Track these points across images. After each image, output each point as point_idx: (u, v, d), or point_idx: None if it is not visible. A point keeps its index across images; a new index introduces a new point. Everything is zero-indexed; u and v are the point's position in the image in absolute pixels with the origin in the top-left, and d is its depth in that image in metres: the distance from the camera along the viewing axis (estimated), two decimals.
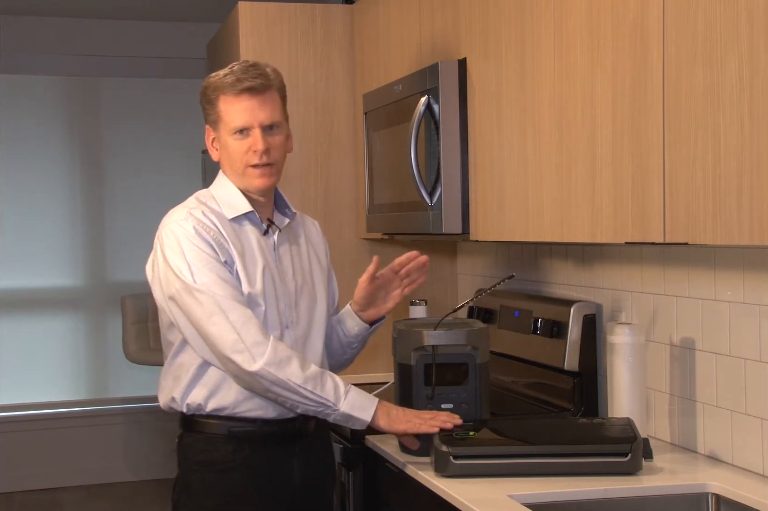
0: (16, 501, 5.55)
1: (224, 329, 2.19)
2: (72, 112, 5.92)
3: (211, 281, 2.21)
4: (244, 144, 2.29)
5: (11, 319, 5.84)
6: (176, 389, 2.32)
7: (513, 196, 2.46)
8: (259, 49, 3.62)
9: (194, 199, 2.37)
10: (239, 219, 2.33)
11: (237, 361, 2.19)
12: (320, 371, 2.24)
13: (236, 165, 2.31)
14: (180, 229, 2.26)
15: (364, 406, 2.24)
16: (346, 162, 3.70)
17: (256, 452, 2.31)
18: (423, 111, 2.70)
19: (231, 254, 2.27)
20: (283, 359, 2.19)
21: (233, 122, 2.28)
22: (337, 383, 2.24)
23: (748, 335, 2.19)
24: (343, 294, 3.87)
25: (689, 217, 1.81)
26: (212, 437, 2.31)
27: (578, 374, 2.74)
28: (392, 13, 3.25)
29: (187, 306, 2.23)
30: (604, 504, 2.09)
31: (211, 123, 2.34)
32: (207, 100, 2.34)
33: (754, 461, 2.18)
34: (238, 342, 2.18)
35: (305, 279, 2.42)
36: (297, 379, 2.19)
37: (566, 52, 2.19)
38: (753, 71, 1.64)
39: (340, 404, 2.22)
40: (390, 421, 2.26)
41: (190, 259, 2.23)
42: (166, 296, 2.27)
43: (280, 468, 2.33)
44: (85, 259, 5.97)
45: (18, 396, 5.83)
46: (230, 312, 2.20)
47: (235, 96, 2.28)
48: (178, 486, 2.38)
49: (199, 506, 2.33)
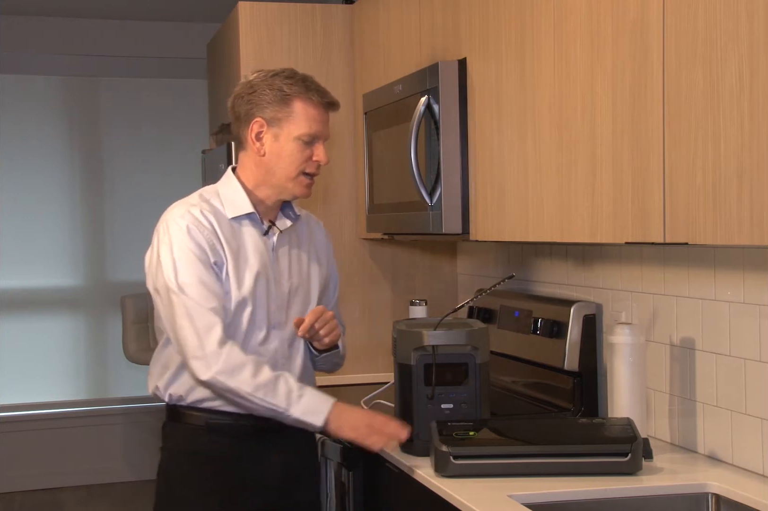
0: (16, 501, 5.55)
1: (189, 334, 2.24)
2: (72, 112, 5.92)
3: (190, 282, 2.25)
4: (307, 152, 2.32)
5: (11, 319, 5.84)
6: (161, 379, 2.38)
7: (513, 196, 2.46)
8: (259, 49, 3.62)
9: (197, 195, 2.39)
10: (240, 219, 2.35)
11: (193, 367, 2.24)
12: (274, 377, 2.24)
13: (290, 169, 2.32)
14: (175, 226, 2.29)
15: (316, 410, 2.25)
16: (346, 162, 3.70)
17: (234, 444, 2.35)
18: (423, 111, 2.70)
19: (223, 255, 2.30)
20: (236, 366, 2.22)
21: (306, 129, 2.31)
22: (291, 389, 2.24)
23: (748, 335, 2.19)
24: (342, 293, 3.89)
25: (689, 217, 1.81)
26: (192, 428, 2.37)
27: (578, 374, 2.74)
28: (392, 13, 3.25)
29: (164, 304, 2.29)
30: (604, 504, 2.09)
31: (271, 120, 2.31)
32: (281, 94, 2.30)
33: (754, 461, 2.18)
34: (199, 348, 2.23)
35: (301, 282, 2.44)
36: (247, 387, 2.22)
37: (566, 52, 2.19)
38: (753, 71, 1.64)
39: (291, 410, 2.24)
40: (340, 427, 2.27)
41: (177, 257, 2.27)
42: (152, 289, 2.33)
43: (258, 461, 2.37)
44: (85, 259, 5.97)
45: (18, 396, 5.83)
46: (197, 318, 2.23)
47: (318, 105, 2.32)
48: (160, 474, 2.45)
49: (177, 494, 2.39)
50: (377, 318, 3.70)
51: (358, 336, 3.69)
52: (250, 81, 2.35)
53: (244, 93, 2.34)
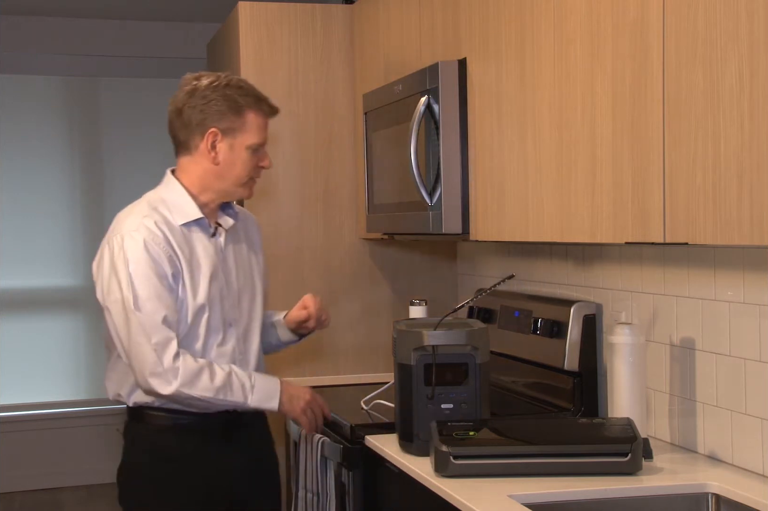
0: (16, 501, 5.55)
1: (146, 351, 2.30)
2: (72, 112, 5.91)
3: (145, 297, 2.31)
4: (255, 158, 2.43)
5: (11, 319, 5.84)
6: (123, 388, 2.45)
7: (513, 196, 2.46)
8: (259, 49, 3.62)
9: (146, 204, 2.45)
10: (188, 225, 2.43)
11: (153, 384, 2.32)
12: (226, 375, 2.36)
13: (241, 175, 2.43)
14: (131, 240, 2.35)
15: (269, 396, 2.42)
16: (346, 162, 3.70)
17: (198, 442, 2.45)
18: (423, 111, 2.70)
19: (178, 265, 2.37)
20: (193, 376, 2.32)
21: (258, 138, 2.42)
22: (243, 382, 2.39)
23: (748, 335, 2.19)
24: (342, 293, 3.88)
25: (689, 217, 1.81)
26: (159, 428, 2.44)
27: (578, 374, 2.74)
28: (392, 13, 3.25)
29: (118, 320, 2.34)
30: (604, 504, 2.09)
31: (226, 129, 2.39)
32: (235, 105, 2.38)
33: (754, 461, 2.18)
34: (157, 364, 2.30)
35: (246, 277, 2.55)
36: (208, 393, 2.34)
37: (566, 52, 2.19)
38: (753, 71, 1.64)
39: (249, 402, 2.39)
40: (291, 407, 2.47)
41: (134, 272, 2.32)
42: (105, 299, 2.37)
43: (221, 457, 2.46)
44: (85, 259, 5.95)
45: (18, 396, 5.83)
46: (153, 335, 2.30)
47: (266, 114, 2.44)
48: (123, 472, 2.52)
49: (145, 491, 2.47)
50: (377, 318, 3.70)
51: (358, 336, 3.69)
52: (202, 91, 2.39)
53: (196, 103, 2.38)
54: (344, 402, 3.05)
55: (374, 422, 2.78)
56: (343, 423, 2.75)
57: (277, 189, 3.64)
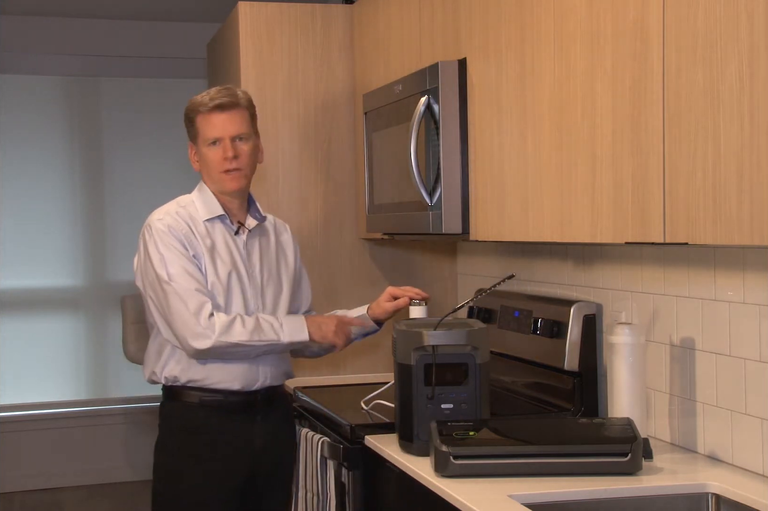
0: (16, 501, 5.54)
1: (185, 314, 2.57)
2: (72, 112, 5.91)
3: (177, 273, 2.60)
4: (218, 153, 2.66)
5: (11, 319, 5.84)
6: (157, 364, 2.70)
7: (513, 196, 2.46)
8: (259, 49, 3.62)
9: (174, 203, 2.75)
10: (212, 220, 2.70)
11: (194, 343, 2.56)
12: (255, 320, 2.62)
13: (212, 172, 2.69)
14: (158, 225, 2.65)
15: (298, 329, 2.66)
16: (346, 162, 3.70)
17: (223, 418, 2.68)
18: (423, 111, 2.70)
19: (199, 249, 2.65)
20: (228, 325, 2.57)
21: (207, 134, 2.66)
22: (272, 323, 2.64)
23: (748, 335, 2.19)
24: (342, 293, 3.87)
25: (689, 217, 1.81)
26: (187, 405, 2.69)
27: (578, 374, 2.74)
28: (392, 13, 3.25)
29: (157, 296, 2.63)
30: (604, 504, 2.09)
31: (192, 139, 2.72)
32: (188, 119, 2.71)
33: (754, 461, 2.19)
34: (196, 325, 2.56)
35: (271, 274, 2.78)
36: (243, 336, 2.59)
37: (566, 52, 2.19)
38: (753, 71, 1.64)
39: (282, 338, 2.63)
40: (323, 334, 2.69)
41: (163, 251, 2.62)
42: (144, 284, 2.67)
43: (244, 433, 2.70)
44: (85, 259, 5.96)
45: (18, 396, 5.82)
46: (189, 301, 2.58)
47: (208, 113, 2.66)
48: (157, 448, 2.76)
49: (173, 464, 2.71)
50: None
51: None
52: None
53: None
54: (344, 402, 3.04)
55: (374, 422, 2.78)
56: (343, 423, 2.75)
57: (277, 189, 3.64)
